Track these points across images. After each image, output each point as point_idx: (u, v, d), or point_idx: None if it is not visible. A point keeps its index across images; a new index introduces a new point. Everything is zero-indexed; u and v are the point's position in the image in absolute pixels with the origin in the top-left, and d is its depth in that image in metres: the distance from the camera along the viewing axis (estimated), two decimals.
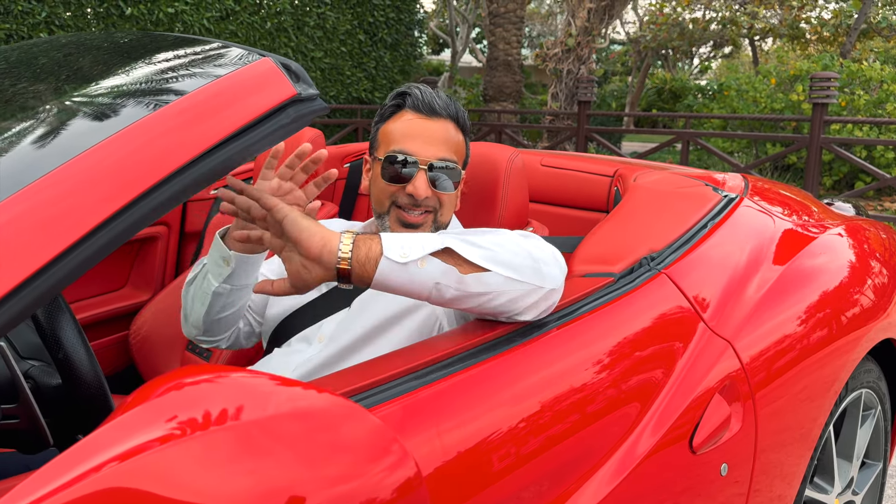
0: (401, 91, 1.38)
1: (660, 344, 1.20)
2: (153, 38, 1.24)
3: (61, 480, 0.49)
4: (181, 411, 0.54)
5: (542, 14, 25.18)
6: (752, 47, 18.88)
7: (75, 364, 0.88)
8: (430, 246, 0.95)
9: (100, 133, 0.79)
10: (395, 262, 0.93)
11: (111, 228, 0.73)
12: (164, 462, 0.50)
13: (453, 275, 0.96)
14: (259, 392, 0.57)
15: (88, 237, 0.70)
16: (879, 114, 7.89)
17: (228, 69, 0.92)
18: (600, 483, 1.02)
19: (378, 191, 1.35)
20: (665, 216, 1.50)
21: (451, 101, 1.38)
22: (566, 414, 1.02)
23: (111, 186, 0.74)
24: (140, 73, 0.99)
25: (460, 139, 1.38)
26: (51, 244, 0.66)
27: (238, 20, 7.75)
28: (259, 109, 0.88)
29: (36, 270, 0.62)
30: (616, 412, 1.09)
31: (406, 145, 1.31)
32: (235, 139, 0.86)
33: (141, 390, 0.58)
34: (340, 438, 0.55)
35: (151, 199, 0.78)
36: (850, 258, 1.74)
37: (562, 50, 9.29)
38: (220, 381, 0.58)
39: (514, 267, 0.99)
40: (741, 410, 1.27)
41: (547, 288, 1.02)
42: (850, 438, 1.76)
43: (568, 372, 1.06)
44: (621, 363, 1.13)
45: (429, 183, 1.30)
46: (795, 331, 1.43)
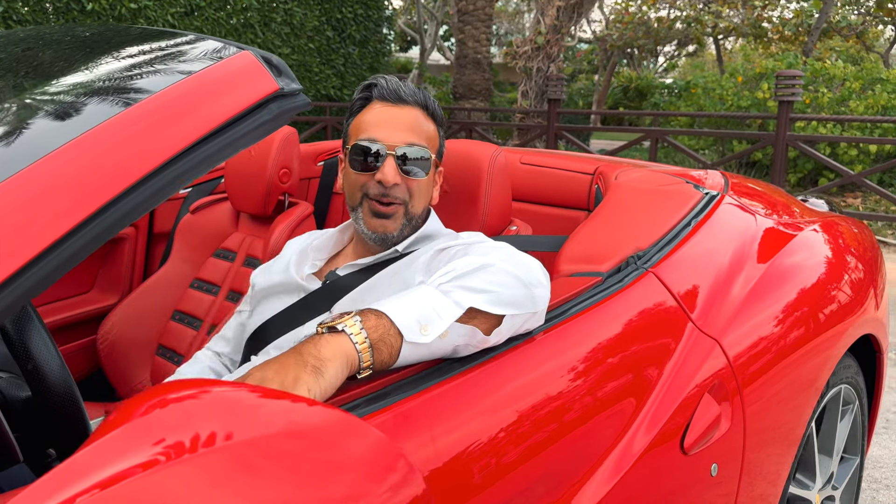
0: (367, 83, 1.35)
1: (649, 344, 1.19)
2: (120, 32, 1.18)
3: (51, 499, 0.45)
4: (167, 431, 0.50)
5: (510, 12, 25.23)
6: (716, 46, 19.14)
7: (46, 375, 0.83)
8: (450, 313, 0.91)
9: (64, 135, 0.74)
10: (417, 343, 0.88)
11: (77, 238, 0.68)
12: (150, 489, 0.46)
13: (476, 336, 0.94)
14: (250, 407, 0.53)
15: (52, 249, 0.65)
16: (842, 111, 8.03)
17: (205, 63, 0.87)
18: (598, 486, 0.99)
19: (349, 184, 1.32)
20: (649, 214, 1.48)
21: (420, 91, 1.35)
22: (560, 417, 0.99)
23: (77, 193, 0.69)
24: (109, 68, 0.94)
25: (431, 127, 1.35)
26: (9, 258, 0.62)
27: (203, 16, 7.62)
28: (239, 106, 0.84)
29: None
30: (609, 414, 1.07)
31: (373, 133, 1.28)
32: (214, 137, 0.82)
33: (122, 408, 0.53)
34: (340, 456, 0.51)
35: (121, 206, 0.73)
36: (829, 255, 1.75)
37: (531, 48, 9.29)
38: (208, 397, 0.54)
39: (515, 303, 0.97)
40: (729, 409, 1.26)
41: (539, 310, 1.01)
42: (831, 434, 1.77)
43: (559, 374, 1.03)
44: (612, 364, 1.11)
45: (398, 169, 1.27)
46: (780, 328, 1.43)
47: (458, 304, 0.92)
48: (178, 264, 2.23)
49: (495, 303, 0.95)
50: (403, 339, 0.87)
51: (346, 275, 1.33)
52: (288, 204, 2.19)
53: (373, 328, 0.87)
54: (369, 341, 0.85)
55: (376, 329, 0.87)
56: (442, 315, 0.90)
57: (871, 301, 1.83)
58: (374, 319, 0.88)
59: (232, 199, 2.13)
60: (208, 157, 0.81)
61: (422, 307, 0.91)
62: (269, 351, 1.32)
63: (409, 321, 0.88)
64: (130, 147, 0.76)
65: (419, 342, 0.88)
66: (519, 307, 0.98)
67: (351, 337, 0.85)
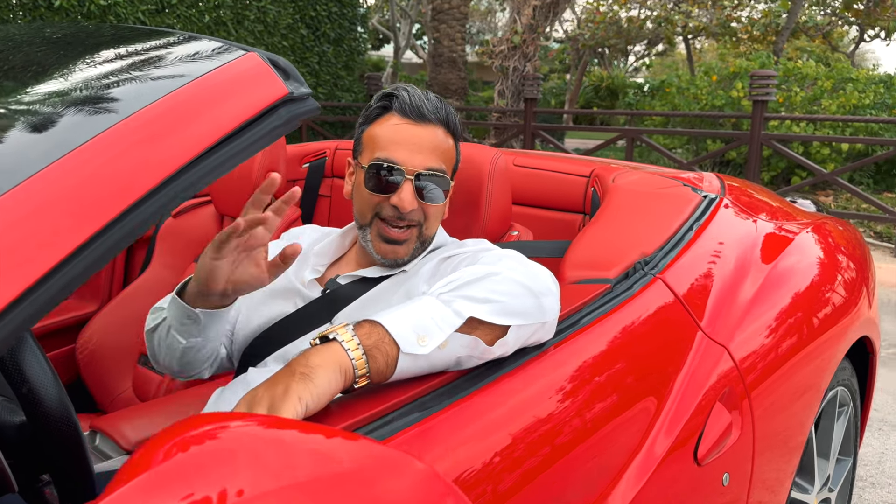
0: (388, 92, 1.28)
1: (662, 353, 1.16)
2: (109, 31, 1.13)
3: None
4: (195, 483, 0.45)
5: (482, 11, 25.22)
6: (686, 46, 19.32)
7: (42, 399, 0.78)
8: (449, 323, 0.87)
9: (60, 148, 0.69)
10: (415, 354, 0.84)
11: (79, 260, 0.63)
12: None
13: (478, 347, 0.90)
14: (279, 449, 0.49)
15: (53, 272, 0.60)
16: (814, 110, 8.14)
17: (208, 66, 0.82)
18: (620, 498, 0.97)
19: (361, 201, 1.25)
20: (651, 218, 1.46)
21: (442, 104, 1.28)
22: (579, 430, 0.96)
23: (76, 212, 0.64)
24: (102, 72, 0.89)
25: (450, 145, 1.28)
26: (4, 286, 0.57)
27: (175, 13, 7.48)
28: (248, 112, 0.79)
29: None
30: (625, 427, 1.04)
31: (392, 153, 1.21)
32: (222, 146, 0.77)
33: (140, 454, 0.48)
34: (385, 496, 0.47)
35: (124, 225, 0.68)
36: (824, 257, 1.74)
37: (508, 47, 9.28)
38: (231, 438, 0.49)
39: (522, 313, 0.93)
40: (739, 417, 1.24)
41: (549, 321, 0.98)
42: (828, 436, 1.77)
43: (575, 387, 1.00)
44: (627, 376, 1.08)
45: (415, 194, 1.21)
46: (784, 333, 1.42)
47: (458, 314, 0.88)
48: (159, 270, 2.16)
49: (499, 313, 0.91)
50: (400, 350, 0.84)
51: (347, 284, 1.28)
52: None
53: (366, 335, 0.83)
54: (362, 348, 0.82)
55: (369, 336, 0.84)
56: (441, 325, 0.87)
57: (865, 300, 1.83)
58: (367, 328, 0.85)
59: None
60: (216, 167, 0.76)
61: (419, 317, 0.87)
62: (267, 363, 1.27)
63: (405, 331, 0.85)
64: (132, 160, 0.71)
65: (417, 353, 0.84)
66: (526, 317, 0.94)
67: (342, 344, 0.82)
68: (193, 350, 1.19)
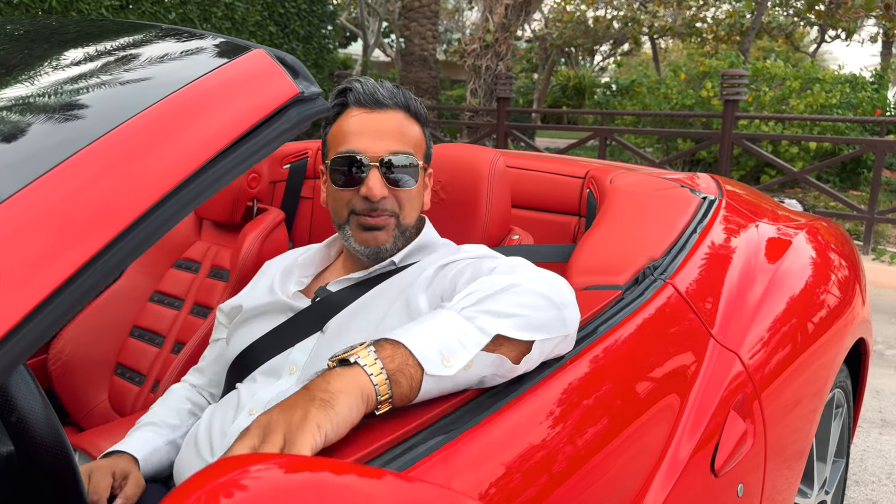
0: (341, 88, 1.24)
1: (677, 362, 1.13)
2: (97, 24, 1.05)
3: None
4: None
5: (449, 9, 25.19)
6: (652, 45, 19.51)
7: (32, 427, 0.71)
8: (475, 342, 0.82)
9: (52, 157, 0.62)
10: (440, 376, 0.79)
11: (80, 282, 0.57)
12: None
13: (504, 366, 0.85)
14: (312, 494, 0.43)
15: (49, 300, 0.54)
16: (783, 109, 8.26)
17: (212, 64, 0.76)
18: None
19: (334, 200, 1.22)
20: (654, 220, 1.43)
21: (399, 90, 1.24)
22: (601, 441, 0.92)
23: (71, 230, 0.58)
24: (94, 69, 0.82)
25: (416, 130, 1.24)
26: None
27: (139, 9, 7.29)
28: (257, 114, 0.73)
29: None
30: (647, 436, 1.00)
31: (354, 144, 1.17)
32: (230, 151, 0.70)
33: (176, 499, 0.43)
34: None
35: (126, 242, 0.62)
36: (819, 258, 1.73)
37: (480, 46, 9.25)
38: (261, 487, 0.44)
39: (546, 327, 0.89)
40: (752, 425, 1.21)
41: (571, 333, 0.93)
42: (825, 438, 1.75)
43: (596, 398, 0.96)
44: (645, 385, 1.04)
45: (384, 181, 1.17)
46: (791, 337, 1.39)
47: (484, 332, 0.83)
48: (134, 276, 2.07)
49: (524, 328, 0.86)
50: (424, 372, 0.78)
51: (339, 290, 1.23)
52: (257, 210, 2.06)
53: (389, 358, 0.77)
54: (386, 372, 0.76)
55: (393, 359, 0.78)
56: (466, 344, 0.81)
57: (859, 298, 1.83)
58: (389, 349, 0.79)
59: None
60: (222, 175, 0.69)
61: (443, 335, 0.81)
62: (255, 377, 1.21)
63: (430, 352, 0.79)
64: (134, 169, 0.64)
65: (442, 375, 0.79)
66: (549, 331, 0.89)
67: (365, 368, 0.76)
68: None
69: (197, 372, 1.41)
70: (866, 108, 8.28)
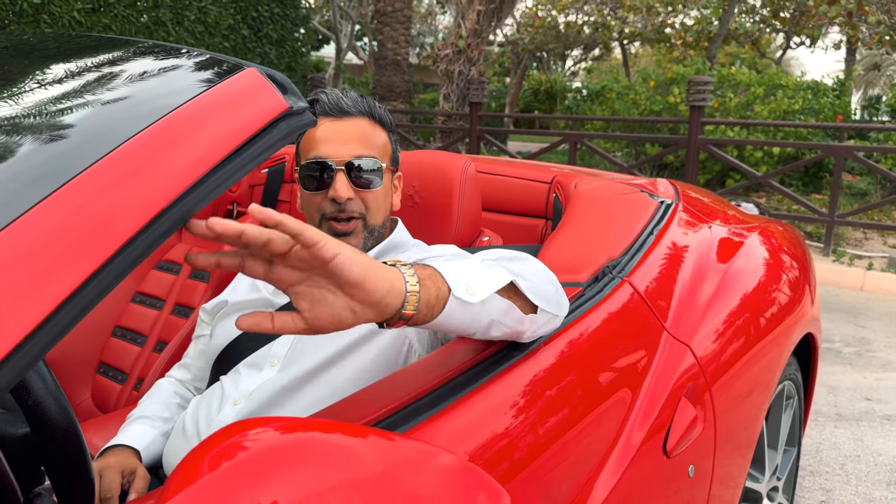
0: (308, 100, 1.33)
1: (631, 352, 1.22)
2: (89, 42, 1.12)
3: None
4: (242, 493, 0.47)
5: (422, 13, 25.28)
6: (622, 50, 19.78)
7: (46, 409, 0.78)
8: (496, 282, 0.89)
9: (56, 176, 0.68)
10: (463, 300, 0.85)
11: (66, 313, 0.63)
12: None
13: (512, 314, 0.92)
14: (318, 451, 0.52)
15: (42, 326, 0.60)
16: (748, 115, 8.47)
17: (206, 83, 0.84)
18: (601, 490, 1.02)
19: (306, 206, 1.31)
20: (614, 223, 1.53)
21: (363, 98, 1.34)
22: (560, 426, 1.01)
23: (75, 249, 0.65)
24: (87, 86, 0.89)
25: (380, 135, 1.33)
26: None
27: (112, 12, 7.28)
28: (250, 129, 0.80)
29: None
30: (601, 424, 1.09)
31: (320, 150, 1.27)
32: (224, 164, 0.78)
33: (187, 462, 0.51)
34: (419, 490, 0.50)
35: (125, 256, 0.68)
36: (771, 258, 1.84)
37: (453, 51, 9.35)
38: (283, 440, 0.52)
39: (547, 299, 0.97)
40: (702, 411, 1.32)
41: (561, 316, 1.02)
42: (776, 428, 1.87)
43: (556, 386, 1.05)
44: (602, 374, 1.13)
45: (350, 184, 1.26)
46: (740, 331, 1.50)
47: (502, 277, 0.90)
48: None
49: (532, 291, 0.94)
50: (451, 293, 0.84)
51: None
52: (237, 213, 2.13)
53: (425, 276, 0.83)
54: (418, 278, 0.81)
55: (425, 272, 0.84)
56: (487, 281, 0.88)
57: (808, 298, 1.94)
58: (421, 268, 0.85)
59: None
60: (217, 186, 0.77)
61: (468, 272, 0.88)
62: (239, 370, 1.28)
63: (458, 280, 0.86)
64: (135, 186, 0.70)
65: (465, 300, 0.85)
66: (549, 304, 0.98)
67: (403, 274, 0.81)
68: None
69: (182, 368, 1.48)
70: (828, 113, 8.53)
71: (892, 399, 3.58)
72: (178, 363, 1.50)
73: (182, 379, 1.47)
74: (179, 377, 1.47)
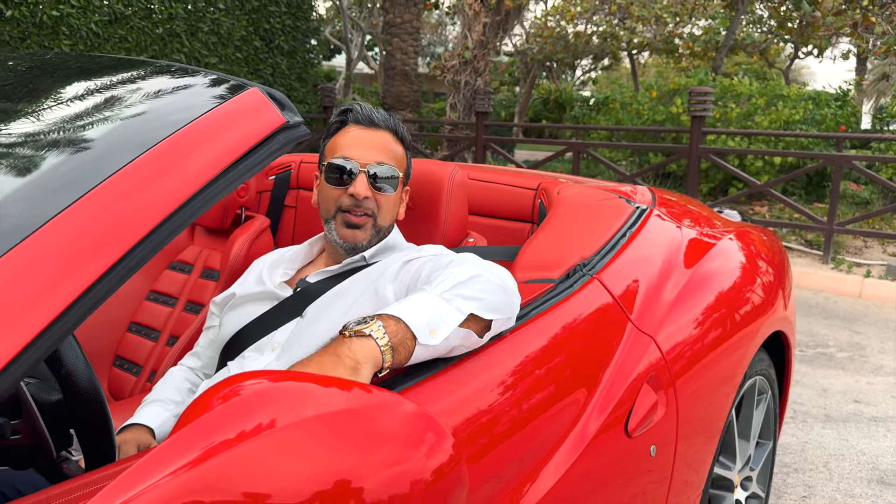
0: (344, 109, 1.51)
1: (597, 341, 1.35)
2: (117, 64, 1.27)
3: (156, 477, 0.56)
4: (244, 416, 0.61)
5: (433, 23, 25.52)
6: (630, 60, 19.91)
7: (77, 379, 0.92)
8: (454, 319, 1.04)
9: (85, 181, 0.81)
10: (427, 345, 1.00)
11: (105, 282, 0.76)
12: (242, 457, 0.58)
13: (470, 338, 1.07)
14: (306, 392, 0.65)
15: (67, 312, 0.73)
16: (749, 125, 8.58)
17: (215, 102, 0.98)
18: (558, 465, 1.14)
19: (325, 198, 1.46)
20: (590, 226, 1.66)
21: (391, 117, 1.52)
22: (524, 407, 1.14)
23: (100, 243, 0.77)
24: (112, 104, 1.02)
25: (399, 150, 1.50)
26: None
27: (128, 24, 7.49)
28: (252, 140, 0.94)
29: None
30: (565, 403, 1.22)
31: (348, 152, 1.44)
32: (229, 171, 0.92)
33: (199, 400, 0.64)
34: (382, 427, 0.63)
35: (139, 251, 0.80)
36: (743, 261, 1.97)
37: (459, 62, 9.53)
38: (269, 386, 0.66)
39: (500, 309, 1.11)
40: (665, 398, 1.44)
41: (514, 315, 1.16)
42: (748, 420, 1.99)
43: (522, 370, 1.18)
44: (567, 360, 1.26)
45: (369, 185, 1.42)
46: (704, 327, 1.62)
47: (460, 311, 1.06)
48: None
49: (486, 309, 1.09)
50: (417, 342, 1.00)
51: (316, 282, 1.45)
52: (245, 217, 2.27)
53: (394, 333, 0.99)
54: (391, 345, 0.98)
55: (396, 334, 0.99)
56: (447, 320, 1.04)
57: (781, 301, 2.06)
58: (393, 325, 1.00)
59: None
60: (222, 189, 0.91)
61: (430, 313, 1.04)
62: (245, 355, 1.42)
63: (421, 325, 1.01)
64: (148, 193, 0.83)
65: (429, 344, 1.01)
66: (503, 313, 1.12)
67: (377, 341, 0.97)
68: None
69: (193, 356, 1.62)
70: (829, 123, 8.62)
71: (880, 402, 3.68)
72: (190, 352, 1.64)
73: (193, 366, 1.60)
74: (190, 365, 1.61)
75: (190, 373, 1.59)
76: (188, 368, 1.61)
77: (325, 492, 0.58)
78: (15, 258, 0.70)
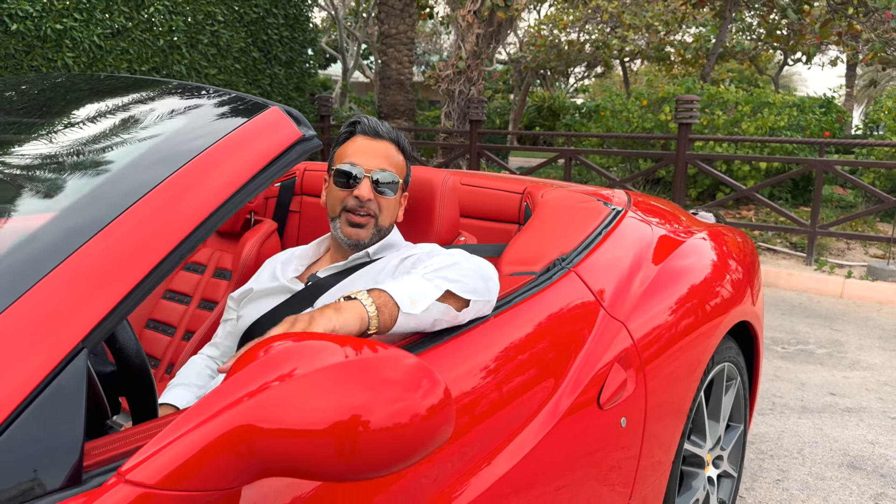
0: (353, 121, 1.71)
1: (572, 327, 1.53)
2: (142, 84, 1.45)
3: (220, 405, 0.75)
4: (282, 366, 0.79)
5: (427, 32, 25.77)
6: (622, 68, 20.17)
7: (128, 354, 1.10)
8: (433, 293, 1.20)
9: (125, 196, 0.97)
10: (409, 313, 1.16)
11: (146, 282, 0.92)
12: (282, 395, 0.76)
13: (450, 313, 1.23)
14: (329, 348, 0.83)
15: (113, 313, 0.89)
16: (736, 132, 8.80)
17: (242, 119, 1.15)
18: (529, 437, 1.32)
19: (332, 198, 1.66)
20: (570, 226, 1.84)
21: (394, 130, 1.72)
22: (504, 385, 1.31)
23: (141, 254, 0.92)
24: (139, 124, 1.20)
25: (401, 160, 1.70)
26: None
27: (130, 37, 7.68)
28: (272, 153, 1.11)
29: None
30: (540, 380, 1.40)
31: (355, 159, 1.64)
32: (252, 181, 1.09)
33: (244, 355, 0.83)
34: (390, 373, 0.81)
35: (168, 262, 0.94)
36: (713, 258, 2.16)
37: (453, 72, 9.75)
38: (299, 344, 0.84)
39: (477, 291, 1.28)
40: (634, 377, 1.62)
41: (492, 299, 1.34)
42: (717, 403, 2.17)
43: (503, 352, 1.35)
44: (544, 343, 1.44)
45: (372, 189, 1.62)
46: (672, 316, 1.81)
47: (439, 287, 1.23)
48: None
49: (464, 290, 1.26)
50: (400, 310, 1.16)
51: (326, 276, 1.64)
52: (254, 221, 2.45)
53: (377, 298, 1.15)
54: (375, 305, 1.14)
55: (380, 298, 1.16)
56: (427, 294, 1.20)
57: (749, 297, 2.25)
58: (377, 293, 1.16)
59: None
60: (244, 198, 1.08)
61: (412, 288, 1.20)
62: None
63: (403, 296, 1.17)
64: (181, 205, 0.98)
65: (410, 312, 1.17)
66: (480, 295, 1.30)
67: (361, 300, 1.13)
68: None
69: (212, 346, 1.80)
70: (813, 129, 8.84)
71: (855, 394, 3.86)
72: (209, 343, 1.82)
73: (212, 355, 1.78)
74: (210, 354, 1.79)
75: (210, 361, 1.77)
76: (208, 357, 1.78)
77: (342, 422, 0.76)
78: (83, 258, 0.88)
